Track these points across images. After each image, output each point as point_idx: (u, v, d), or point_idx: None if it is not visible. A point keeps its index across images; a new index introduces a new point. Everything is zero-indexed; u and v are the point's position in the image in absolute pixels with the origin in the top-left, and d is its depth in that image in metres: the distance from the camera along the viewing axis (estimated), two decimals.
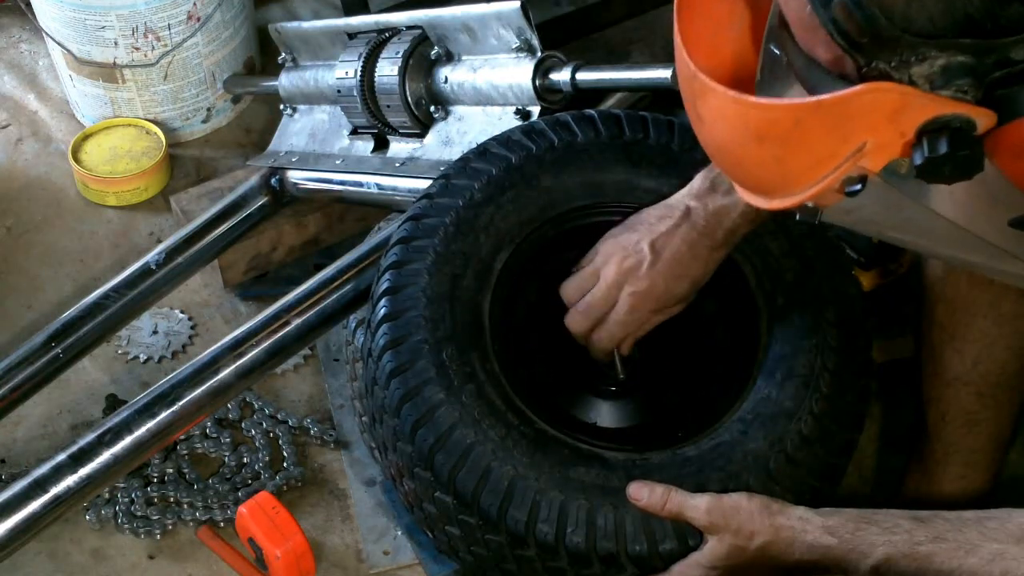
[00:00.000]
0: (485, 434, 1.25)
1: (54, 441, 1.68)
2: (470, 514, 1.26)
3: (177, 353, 1.81)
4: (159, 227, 2.02)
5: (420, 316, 1.30)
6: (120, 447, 1.38)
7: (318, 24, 1.73)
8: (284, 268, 1.91)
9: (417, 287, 1.32)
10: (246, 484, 1.61)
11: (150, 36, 2.03)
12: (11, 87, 2.32)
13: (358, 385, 1.50)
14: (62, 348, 1.62)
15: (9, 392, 1.59)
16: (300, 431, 1.68)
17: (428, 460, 1.26)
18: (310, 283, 1.51)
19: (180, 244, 1.74)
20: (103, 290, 1.68)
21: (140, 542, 1.56)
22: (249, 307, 1.88)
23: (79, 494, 1.38)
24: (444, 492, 1.27)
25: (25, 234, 2.02)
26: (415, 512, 1.35)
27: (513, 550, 1.26)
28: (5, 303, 1.89)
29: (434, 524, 1.32)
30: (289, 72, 1.78)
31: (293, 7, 2.46)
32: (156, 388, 1.42)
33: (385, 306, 1.32)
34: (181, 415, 1.41)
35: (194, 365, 1.44)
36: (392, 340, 1.30)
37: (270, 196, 1.80)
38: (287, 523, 1.48)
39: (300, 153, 1.76)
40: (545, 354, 1.46)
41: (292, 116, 1.80)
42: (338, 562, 1.54)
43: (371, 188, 1.63)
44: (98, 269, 1.95)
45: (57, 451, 1.58)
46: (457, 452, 1.25)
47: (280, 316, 1.47)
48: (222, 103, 2.19)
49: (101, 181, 2.04)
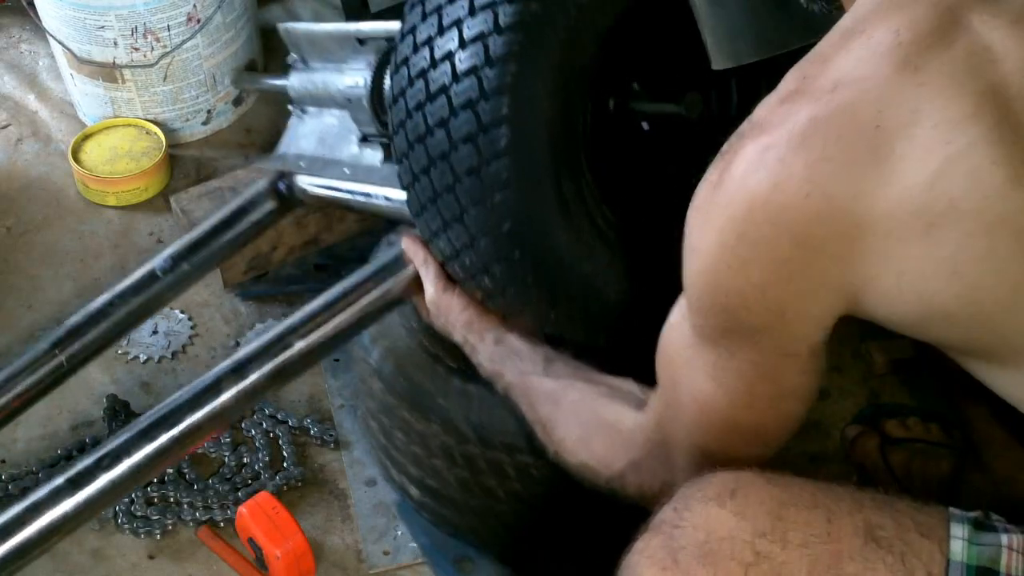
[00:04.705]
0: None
1: (54, 441, 1.68)
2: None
3: (177, 353, 1.81)
4: (159, 227, 2.02)
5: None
6: (118, 472, 1.34)
7: (328, 27, 1.71)
8: (284, 268, 1.91)
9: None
10: (246, 484, 1.61)
11: (149, 37, 2.03)
12: (11, 87, 2.32)
13: (372, 405, 1.49)
14: (66, 355, 1.58)
15: (12, 400, 1.56)
16: (300, 431, 1.69)
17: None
18: (315, 304, 1.46)
19: (185, 250, 1.70)
20: (107, 296, 1.64)
21: (140, 542, 1.56)
22: (249, 307, 1.88)
23: (76, 519, 1.33)
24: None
25: (25, 234, 2.02)
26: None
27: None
28: (5, 303, 1.89)
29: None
30: (299, 73, 1.76)
31: (293, 7, 2.46)
32: (155, 411, 1.38)
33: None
34: (180, 439, 1.36)
35: (194, 388, 1.39)
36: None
37: (277, 201, 1.75)
38: (287, 523, 1.48)
39: (308, 157, 1.73)
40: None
41: (301, 118, 1.79)
42: (338, 562, 1.54)
43: (379, 200, 1.60)
44: (98, 269, 1.95)
45: (55, 474, 1.56)
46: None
47: (283, 338, 1.43)
48: (223, 105, 2.19)
49: (101, 181, 2.05)
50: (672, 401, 1.06)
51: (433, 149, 1.26)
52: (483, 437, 1.37)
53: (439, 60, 1.25)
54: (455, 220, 1.27)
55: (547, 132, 1.24)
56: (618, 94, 1.45)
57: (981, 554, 0.87)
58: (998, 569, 0.87)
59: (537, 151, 1.23)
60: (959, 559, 0.88)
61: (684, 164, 1.50)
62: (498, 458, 1.38)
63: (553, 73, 1.24)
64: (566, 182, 1.27)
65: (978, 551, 0.88)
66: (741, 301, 0.94)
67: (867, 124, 0.86)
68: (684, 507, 0.93)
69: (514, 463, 1.39)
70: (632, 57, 1.45)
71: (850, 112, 0.87)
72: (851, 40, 0.91)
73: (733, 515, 0.91)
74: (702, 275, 0.96)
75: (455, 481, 1.42)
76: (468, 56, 1.22)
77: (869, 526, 0.89)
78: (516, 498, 1.41)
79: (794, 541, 0.89)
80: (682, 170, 1.49)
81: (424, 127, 1.26)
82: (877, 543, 0.88)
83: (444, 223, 1.29)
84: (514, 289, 1.29)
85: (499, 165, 1.22)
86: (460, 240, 1.29)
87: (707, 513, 0.92)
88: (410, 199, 1.35)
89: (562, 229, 1.27)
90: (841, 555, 0.88)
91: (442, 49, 1.25)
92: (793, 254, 0.90)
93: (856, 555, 0.88)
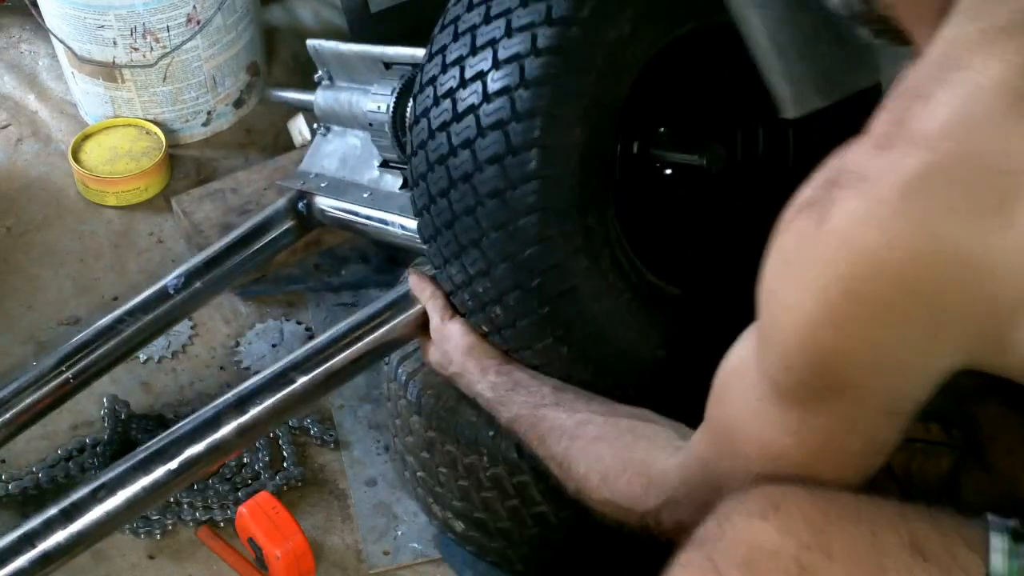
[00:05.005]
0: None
1: (54, 442, 1.67)
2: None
3: (177, 353, 1.81)
4: (159, 227, 2.02)
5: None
6: (113, 504, 1.31)
7: (355, 48, 1.68)
8: (284, 268, 1.91)
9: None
10: (246, 484, 1.61)
11: (148, 37, 2.03)
12: (11, 87, 2.32)
13: (411, 441, 1.47)
14: (73, 372, 1.57)
15: (17, 415, 1.54)
16: (300, 431, 1.69)
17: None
18: (318, 340, 1.43)
19: (200, 268, 1.66)
20: (117, 313, 1.61)
21: (140, 542, 1.56)
22: (249, 307, 1.88)
23: (68, 551, 1.30)
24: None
25: (25, 234, 2.02)
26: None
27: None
28: (5, 303, 1.89)
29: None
30: (325, 91, 1.74)
31: (293, 7, 2.46)
32: (154, 444, 1.35)
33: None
34: (179, 472, 1.34)
35: (194, 422, 1.37)
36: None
37: (296, 220, 1.72)
38: (287, 523, 1.48)
39: (330, 178, 1.71)
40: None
41: (325, 136, 1.76)
42: (338, 562, 1.54)
43: (395, 228, 1.58)
44: (98, 269, 1.95)
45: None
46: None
47: (286, 374, 1.40)
48: (223, 107, 2.19)
49: (101, 181, 2.05)
50: (728, 451, 1.01)
51: (455, 170, 1.24)
52: (535, 466, 1.32)
53: (469, 80, 1.23)
54: (472, 245, 1.25)
55: (577, 160, 1.22)
56: (644, 137, 1.43)
57: (1022, 568, 0.86)
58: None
59: (566, 178, 1.21)
60: (1000, 572, 0.86)
61: (705, 212, 1.49)
62: (553, 487, 1.33)
63: (586, 101, 1.21)
64: (592, 214, 1.24)
65: (1019, 564, 0.86)
66: (843, 361, 0.88)
67: (990, 169, 0.81)
68: (726, 521, 0.92)
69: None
70: (661, 101, 1.43)
71: (969, 157, 0.81)
72: (949, 74, 0.84)
73: (776, 529, 0.89)
74: (797, 332, 0.90)
75: (506, 512, 1.40)
76: (501, 76, 1.20)
77: (914, 539, 0.87)
78: (570, 525, 1.39)
79: (838, 554, 0.88)
80: (704, 217, 1.49)
81: (448, 147, 1.24)
82: (923, 556, 0.87)
83: (460, 248, 1.27)
84: (527, 321, 1.27)
85: (526, 189, 1.20)
86: (475, 266, 1.26)
87: (750, 527, 0.90)
88: (423, 224, 1.33)
89: (584, 262, 1.25)
90: (886, 568, 0.86)
91: (474, 69, 1.23)
92: (911, 313, 0.84)
93: (902, 568, 0.86)
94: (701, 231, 1.49)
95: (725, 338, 1.16)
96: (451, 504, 1.46)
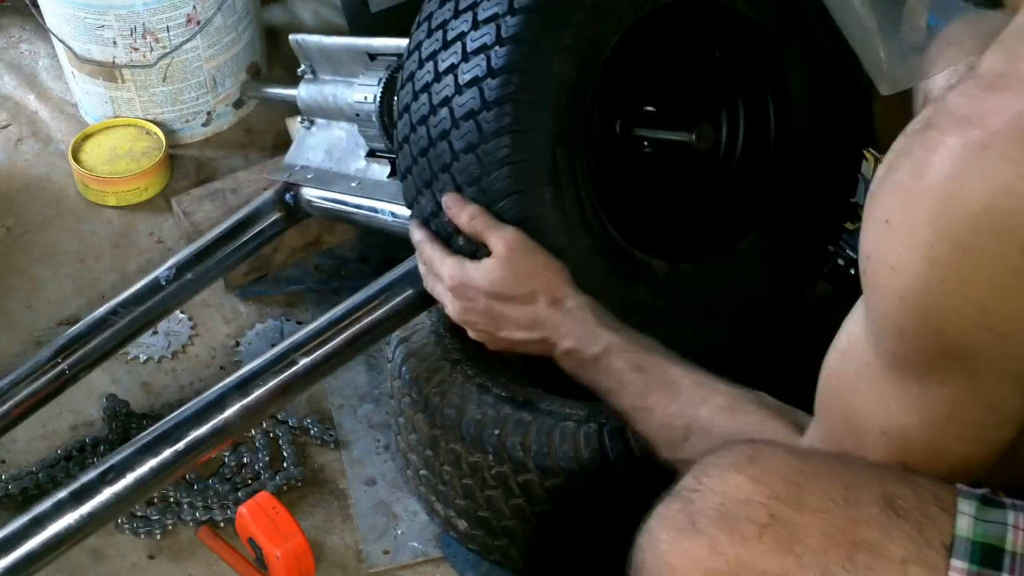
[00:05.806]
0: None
1: (54, 441, 1.68)
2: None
3: (177, 353, 1.81)
4: (159, 227, 2.02)
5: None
6: (122, 485, 1.36)
7: (339, 41, 1.70)
8: (285, 269, 1.91)
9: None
10: (246, 484, 1.61)
11: (148, 37, 2.03)
12: (11, 87, 2.32)
13: (414, 439, 1.48)
14: (68, 364, 1.60)
15: (13, 408, 1.57)
16: (300, 431, 1.69)
17: None
18: (319, 321, 1.46)
19: (190, 259, 1.69)
20: (111, 305, 1.65)
21: (140, 542, 1.56)
22: (249, 307, 1.88)
23: (79, 532, 1.35)
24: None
25: (25, 234, 2.02)
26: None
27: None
28: (5, 303, 1.89)
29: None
30: (308, 84, 1.75)
31: (293, 7, 2.47)
32: (160, 425, 1.39)
33: None
34: (184, 453, 1.38)
35: (198, 404, 1.40)
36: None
37: (284, 212, 1.76)
38: (287, 523, 1.48)
39: (316, 169, 1.72)
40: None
41: (309, 129, 1.78)
42: (338, 562, 1.54)
43: (385, 216, 1.59)
44: (98, 269, 1.95)
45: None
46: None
47: (288, 355, 1.43)
48: (223, 107, 2.19)
49: (101, 181, 2.05)
50: (846, 439, 0.98)
51: (436, 161, 1.32)
52: (541, 465, 1.35)
53: (442, 73, 1.30)
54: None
55: (549, 143, 1.28)
56: (627, 116, 1.48)
57: (987, 532, 0.86)
58: (1003, 547, 0.86)
59: (539, 162, 1.28)
60: (965, 535, 0.86)
61: (684, 187, 1.55)
62: (558, 485, 1.36)
63: (555, 84, 1.27)
64: (567, 192, 1.30)
65: (984, 528, 0.86)
66: (958, 322, 0.83)
67: None
68: (703, 473, 0.93)
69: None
70: (644, 79, 1.49)
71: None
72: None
73: (750, 480, 0.90)
74: (908, 296, 0.84)
75: (510, 510, 1.41)
76: (470, 68, 1.27)
77: (888, 496, 0.87)
78: (575, 524, 1.40)
79: (810, 506, 0.88)
80: (682, 191, 1.55)
81: (427, 140, 1.32)
82: (895, 512, 0.86)
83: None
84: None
85: (500, 175, 1.27)
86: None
87: (725, 478, 0.91)
88: (414, 215, 1.40)
89: (560, 232, 1.30)
90: (858, 521, 0.87)
91: (445, 62, 1.30)
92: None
93: (873, 522, 0.87)
94: (678, 204, 1.54)
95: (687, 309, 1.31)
96: (454, 502, 1.46)
